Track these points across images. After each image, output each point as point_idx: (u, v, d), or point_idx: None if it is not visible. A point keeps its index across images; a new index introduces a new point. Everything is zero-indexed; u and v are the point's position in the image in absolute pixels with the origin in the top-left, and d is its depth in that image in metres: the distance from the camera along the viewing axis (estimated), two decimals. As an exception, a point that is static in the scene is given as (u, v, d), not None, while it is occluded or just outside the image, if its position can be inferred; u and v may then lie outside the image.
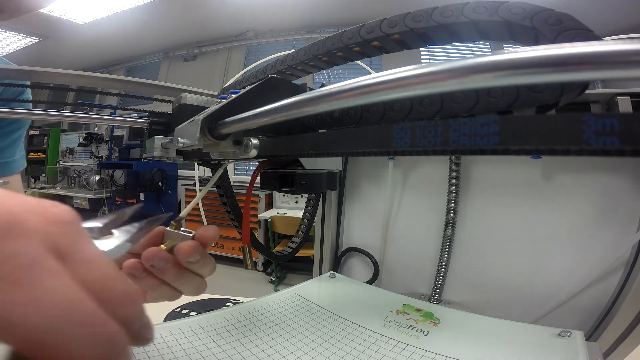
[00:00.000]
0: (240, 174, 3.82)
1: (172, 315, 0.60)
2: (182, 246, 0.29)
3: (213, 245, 0.32)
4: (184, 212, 0.32)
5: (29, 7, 0.42)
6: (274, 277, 2.98)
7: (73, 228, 0.16)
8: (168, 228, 0.31)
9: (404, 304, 0.48)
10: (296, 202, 3.28)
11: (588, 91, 0.43)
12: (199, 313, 0.55)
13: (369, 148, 0.21)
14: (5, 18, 0.42)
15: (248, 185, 0.44)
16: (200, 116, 0.27)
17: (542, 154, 0.15)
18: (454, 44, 0.27)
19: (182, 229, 0.31)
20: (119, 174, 4.01)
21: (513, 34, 0.23)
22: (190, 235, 0.31)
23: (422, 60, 3.19)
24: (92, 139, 4.33)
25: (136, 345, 0.17)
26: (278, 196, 3.42)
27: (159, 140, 0.35)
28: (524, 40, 0.23)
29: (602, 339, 0.47)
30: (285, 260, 0.81)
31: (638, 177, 0.48)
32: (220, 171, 0.38)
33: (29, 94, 0.62)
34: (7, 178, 0.61)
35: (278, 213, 3.05)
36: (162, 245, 0.30)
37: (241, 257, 0.43)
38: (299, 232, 0.64)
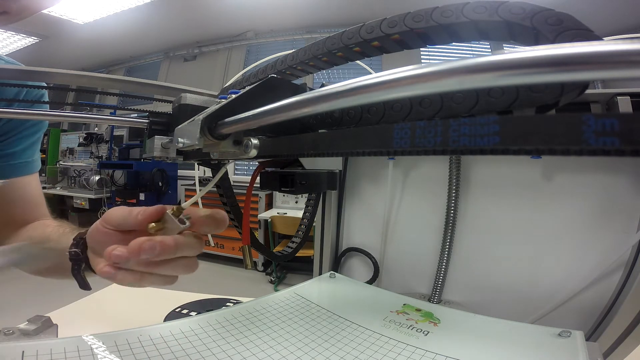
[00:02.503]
0: (240, 174, 3.82)
1: (172, 315, 0.60)
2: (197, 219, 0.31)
3: (213, 245, 0.33)
4: (186, 203, 0.32)
5: (31, 8, 0.42)
6: (274, 277, 2.98)
7: None
8: (168, 211, 0.31)
9: (404, 304, 0.48)
10: (296, 202, 3.28)
11: (588, 91, 0.43)
12: (199, 313, 0.55)
13: (369, 148, 0.21)
14: (10, 21, 0.41)
15: (248, 185, 0.44)
16: (200, 116, 0.27)
17: (542, 154, 0.15)
18: (454, 44, 0.27)
19: (180, 216, 0.32)
20: (119, 174, 4.01)
21: (513, 34, 0.23)
22: (186, 225, 0.31)
23: (422, 60, 3.19)
24: (92, 139, 4.33)
25: None
26: (278, 196, 3.41)
27: (159, 140, 0.35)
28: (524, 40, 0.23)
29: (602, 339, 0.47)
30: (285, 260, 0.81)
31: (638, 177, 0.48)
32: (222, 172, 0.38)
33: (46, 96, 0.64)
34: (28, 177, 0.65)
35: (278, 213, 3.05)
36: (151, 224, 0.31)
37: (241, 257, 0.43)
38: (299, 232, 0.64)
